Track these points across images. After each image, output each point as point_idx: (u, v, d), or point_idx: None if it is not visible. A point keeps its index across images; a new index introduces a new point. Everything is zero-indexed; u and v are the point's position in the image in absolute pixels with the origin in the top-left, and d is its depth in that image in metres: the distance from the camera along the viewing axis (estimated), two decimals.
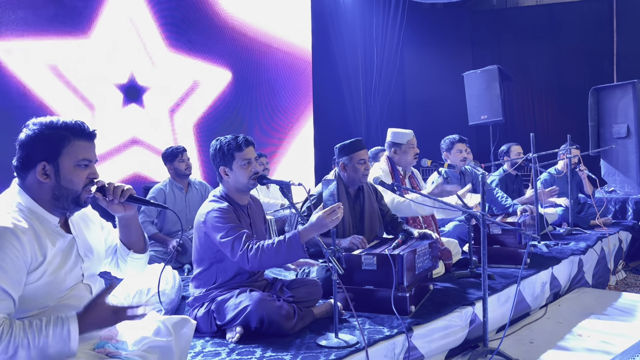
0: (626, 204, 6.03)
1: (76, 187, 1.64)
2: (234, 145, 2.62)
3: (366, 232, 3.34)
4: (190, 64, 6.06)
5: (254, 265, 2.47)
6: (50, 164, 1.60)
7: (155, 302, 2.84)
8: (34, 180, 1.62)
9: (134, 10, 5.41)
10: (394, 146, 3.92)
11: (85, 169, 1.65)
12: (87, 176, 1.66)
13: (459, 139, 4.57)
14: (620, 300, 4.04)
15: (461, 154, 4.52)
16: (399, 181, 3.83)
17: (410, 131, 3.94)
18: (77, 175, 1.64)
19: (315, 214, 2.42)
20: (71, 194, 1.63)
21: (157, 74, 5.65)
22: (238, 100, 6.67)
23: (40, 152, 1.60)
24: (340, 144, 3.36)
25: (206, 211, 2.58)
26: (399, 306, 2.71)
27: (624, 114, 6.25)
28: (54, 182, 1.61)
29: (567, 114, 8.91)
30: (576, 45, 8.86)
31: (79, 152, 1.63)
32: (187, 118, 6.03)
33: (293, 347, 2.37)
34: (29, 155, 1.60)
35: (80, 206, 1.68)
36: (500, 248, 3.94)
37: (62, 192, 1.62)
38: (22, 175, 1.63)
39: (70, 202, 1.64)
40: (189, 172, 4.46)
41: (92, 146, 1.68)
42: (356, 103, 8.42)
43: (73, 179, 1.63)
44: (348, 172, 3.33)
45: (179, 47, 5.89)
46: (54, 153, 1.60)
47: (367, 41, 8.53)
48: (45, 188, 1.62)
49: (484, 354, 2.77)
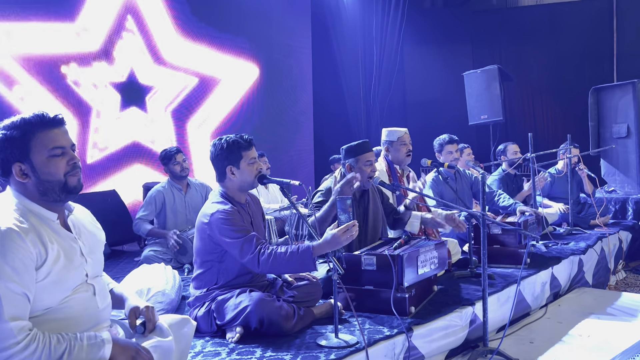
0: (626, 204, 6.02)
1: (57, 177, 1.62)
2: (242, 144, 2.61)
3: (369, 232, 3.34)
4: (190, 62, 6.06)
5: (264, 269, 2.48)
6: (25, 163, 1.59)
7: (157, 302, 2.85)
8: (17, 183, 1.61)
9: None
10: (386, 144, 3.96)
11: (61, 157, 1.63)
12: (66, 163, 1.64)
13: (449, 139, 4.57)
14: (620, 300, 4.03)
15: (451, 155, 4.53)
16: (396, 180, 3.84)
17: (403, 129, 3.97)
18: (54, 165, 1.61)
19: (330, 231, 2.41)
20: (56, 185, 1.62)
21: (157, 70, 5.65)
22: (237, 100, 6.67)
23: (10, 155, 1.59)
24: (347, 146, 3.35)
25: (210, 212, 2.57)
26: (398, 307, 2.71)
27: (624, 114, 6.25)
28: (34, 179, 1.60)
29: (567, 114, 8.92)
30: (576, 45, 8.86)
31: (47, 142, 1.61)
32: (183, 116, 6.02)
33: (293, 347, 2.38)
34: (3, 162, 1.60)
35: (72, 193, 1.66)
36: (500, 248, 3.94)
37: (46, 186, 1.61)
38: (7, 181, 1.64)
39: (59, 192, 1.63)
40: (184, 174, 4.44)
41: (60, 132, 1.64)
42: (356, 103, 8.42)
43: (51, 170, 1.61)
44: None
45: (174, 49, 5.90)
46: (23, 151, 1.59)
47: (367, 41, 8.53)
48: (29, 187, 1.61)
49: (484, 354, 2.78)
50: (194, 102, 6.13)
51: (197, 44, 6.13)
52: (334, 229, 2.41)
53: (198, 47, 6.14)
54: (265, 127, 6.99)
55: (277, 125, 7.23)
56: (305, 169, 7.65)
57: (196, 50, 6.12)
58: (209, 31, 6.28)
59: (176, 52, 5.89)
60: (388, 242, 3.23)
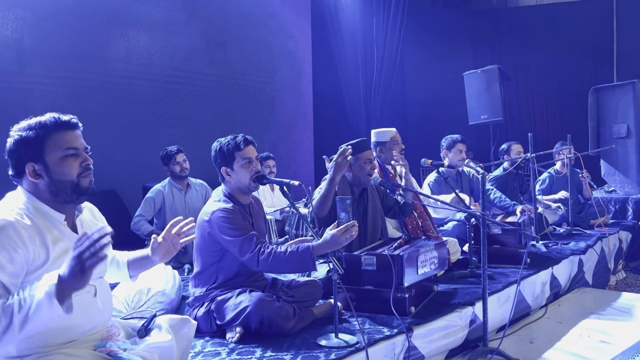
0: (626, 204, 6.03)
1: (70, 178, 1.64)
2: (233, 145, 2.62)
3: (369, 232, 3.34)
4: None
5: (263, 268, 2.49)
6: (38, 163, 1.61)
7: (157, 302, 2.85)
8: (29, 183, 1.63)
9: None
10: (378, 145, 3.95)
11: (74, 158, 1.65)
12: (79, 164, 1.66)
13: (462, 139, 4.62)
14: (620, 300, 4.03)
15: (461, 154, 4.58)
16: (389, 180, 3.84)
17: (392, 129, 3.98)
18: (67, 166, 1.63)
19: (330, 232, 2.41)
20: (68, 185, 1.63)
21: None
22: (237, 100, 6.66)
23: (25, 155, 1.61)
24: (346, 144, 3.36)
25: (211, 211, 2.58)
26: (398, 307, 2.71)
27: (623, 114, 6.25)
28: (47, 179, 1.62)
29: (567, 114, 8.91)
30: (576, 46, 8.86)
31: (61, 143, 1.63)
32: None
33: (293, 347, 2.38)
34: (17, 162, 1.63)
35: (84, 194, 1.67)
36: (500, 248, 3.94)
37: (58, 187, 1.62)
38: (19, 182, 1.65)
39: (71, 193, 1.64)
40: (184, 174, 4.44)
41: (73, 134, 1.67)
42: (356, 103, 8.41)
43: (64, 170, 1.63)
44: (354, 171, 3.33)
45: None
46: (38, 151, 1.61)
47: (367, 41, 8.52)
48: (41, 187, 1.62)
49: (484, 354, 2.78)
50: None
51: (197, 44, 6.12)
52: (334, 229, 2.41)
53: (198, 47, 6.13)
54: (265, 127, 6.99)
55: (277, 126, 7.22)
56: (305, 169, 7.64)
57: (196, 51, 6.11)
58: (209, 31, 6.27)
59: (176, 52, 5.89)
60: (388, 242, 3.23)
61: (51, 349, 1.58)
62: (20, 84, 4.61)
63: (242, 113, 6.72)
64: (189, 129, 6.04)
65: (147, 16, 5.61)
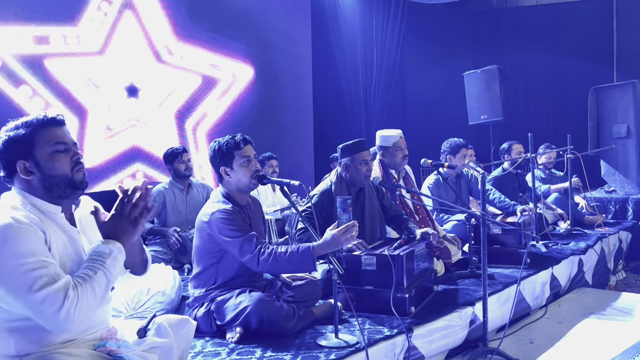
0: (626, 204, 6.03)
1: (63, 172, 1.64)
2: (232, 144, 2.61)
3: (367, 232, 3.34)
4: (190, 63, 6.06)
5: (263, 268, 2.49)
6: (29, 160, 1.62)
7: (157, 302, 2.85)
8: (22, 181, 1.63)
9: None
10: (382, 149, 3.92)
11: (64, 153, 1.65)
12: (70, 159, 1.66)
13: (466, 143, 4.60)
14: (620, 300, 4.03)
15: (465, 159, 4.55)
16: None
17: (397, 132, 3.92)
18: (58, 161, 1.63)
19: (330, 232, 2.40)
20: (61, 179, 1.63)
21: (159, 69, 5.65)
22: (237, 100, 6.67)
23: (14, 154, 1.61)
24: (343, 144, 3.36)
25: (211, 211, 2.58)
26: (398, 307, 2.71)
27: (623, 114, 6.25)
28: (39, 175, 1.62)
29: (566, 114, 8.91)
30: (576, 45, 8.86)
31: (49, 138, 1.63)
32: (183, 116, 6.02)
33: (293, 347, 2.38)
34: (8, 162, 1.63)
35: (78, 188, 1.67)
36: (500, 248, 3.94)
37: (51, 182, 1.62)
38: (12, 182, 1.65)
39: (64, 187, 1.64)
40: (188, 173, 4.45)
41: (61, 130, 1.67)
42: (356, 103, 8.41)
43: (55, 165, 1.63)
44: (350, 172, 3.33)
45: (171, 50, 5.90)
46: (27, 148, 1.61)
47: (367, 41, 8.52)
48: (34, 184, 1.63)
49: (484, 354, 2.78)
50: (193, 102, 6.12)
51: (197, 44, 6.12)
52: (334, 230, 2.41)
53: (197, 47, 6.13)
54: (265, 127, 6.99)
55: (277, 126, 7.22)
56: (305, 168, 7.64)
57: (196, 51, 6.11)
58: (209, 32, 6.27)
59: (175, 52, 5.89)
60: (388, 242, 3.23)
61: (50, 348, 1.58)
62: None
63: (241, 112, 6.73)
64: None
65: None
